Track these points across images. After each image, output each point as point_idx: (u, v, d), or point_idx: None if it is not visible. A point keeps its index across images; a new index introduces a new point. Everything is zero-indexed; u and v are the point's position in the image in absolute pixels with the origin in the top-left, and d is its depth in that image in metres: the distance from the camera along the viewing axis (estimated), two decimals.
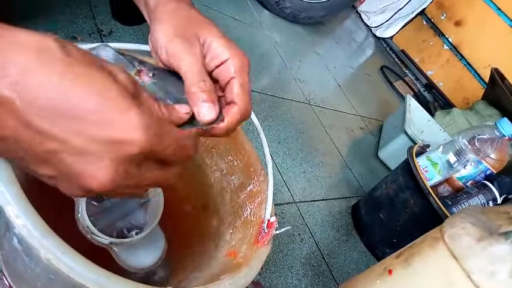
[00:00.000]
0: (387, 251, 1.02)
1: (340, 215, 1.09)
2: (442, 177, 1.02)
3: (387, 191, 1.03)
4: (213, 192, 0.59)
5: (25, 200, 0.29)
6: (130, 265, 0.45)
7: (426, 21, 2.60)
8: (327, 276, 0.88)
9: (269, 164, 0.51)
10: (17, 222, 0.28)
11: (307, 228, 0.95)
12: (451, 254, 0.56)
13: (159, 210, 0.48)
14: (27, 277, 0.41)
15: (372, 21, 2.74)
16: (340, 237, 1.02)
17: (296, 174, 1.07)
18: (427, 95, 2.60)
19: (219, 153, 0.58)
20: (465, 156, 1.00)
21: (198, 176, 0.60)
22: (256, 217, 0.51)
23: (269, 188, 0.51)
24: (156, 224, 0.48)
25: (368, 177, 1.35)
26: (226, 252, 0.50)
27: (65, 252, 0.29)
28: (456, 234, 0.58)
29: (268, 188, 0.51)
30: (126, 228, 0.46)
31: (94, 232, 0.41)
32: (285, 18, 1.79)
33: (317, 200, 1.06)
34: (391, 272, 0.65)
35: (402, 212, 0.97)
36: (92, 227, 0.41)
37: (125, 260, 0.44)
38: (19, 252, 0.37)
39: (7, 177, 0.30)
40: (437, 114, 2.00)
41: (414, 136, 1.36)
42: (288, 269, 0.81)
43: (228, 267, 0.46)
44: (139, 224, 0.47)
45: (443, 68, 2.57)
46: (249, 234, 0.49)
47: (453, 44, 2.49)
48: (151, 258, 0.47)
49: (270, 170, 0.51)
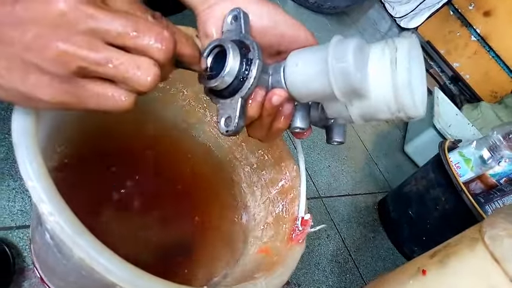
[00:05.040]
0: (415, 249, 0.99)
1: (366, 211, 1.06)
2: (475, 174, 0.98)
3: (417, 187, 0.99)
4: (242, 187, 0.57)
5: (58, 197, 0.28)
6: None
7: (453, 12, 2.51)
8: (354, 273, 0.86)
9: (301, 160, 0.49)
10: (50, 219, 0.27)
11: (334, 224, 0.92)
12: (492, 257, 0.54)
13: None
14: (58, 271, 0.40)
15: (397, 12, 2.66)
16: (367, 234, 1.00)
17: (321, 169, 1.05)
18: (452, 87, 2.52)
19: (249, 147, 0.57)
20: (500, 152, 0.95)
21: (226, 170, 0.59)
22: (289, 214, 0.49)
23: (302, 184, 0.49)
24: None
25: (394, 172, 1.32)
26: (258, 249, 0.48)
27: (99, 251, 0.28)
28: (497, 235, 0.55)
29: (301, 184, 0.49)
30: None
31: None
32: (309, 8, 1.75)
33: (343, 195, 1.03)
34: (425, 272, 0.63)
35: (432, 209, 0.94)
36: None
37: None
38: (51, 247, 0.36)
39: (40, 173, 0.29)
40: (465, 108, 1.94)
41: (443, 130, 1.32)
42: (314, 266, 0.79)
43: (261, 265, 0.44)
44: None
45: (471, 60, 2.49)
46: (281, 232, 0.48)
47: (481, 35, 2.40)
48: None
49: (302, 166, 0.49)
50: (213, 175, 0.59)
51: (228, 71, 0.33)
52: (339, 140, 0.39)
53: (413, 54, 0.29)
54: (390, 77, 0.28)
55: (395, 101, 0.29)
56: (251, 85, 0.33)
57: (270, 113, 0.36)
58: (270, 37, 0.38)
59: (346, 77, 0.29)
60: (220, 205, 0.58)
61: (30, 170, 0.28)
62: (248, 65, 0.33)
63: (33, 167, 0.29)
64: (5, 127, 0.57)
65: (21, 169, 0.28)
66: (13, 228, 0.49)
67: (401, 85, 0.28)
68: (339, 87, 0.30)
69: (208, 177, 0.59)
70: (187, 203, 0.57)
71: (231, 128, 0.35)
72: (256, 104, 0.35)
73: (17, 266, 0.47)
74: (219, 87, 0.34)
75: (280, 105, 0.35)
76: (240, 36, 0.35)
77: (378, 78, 0.29)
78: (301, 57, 0.33)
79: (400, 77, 0.28)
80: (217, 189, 0.59)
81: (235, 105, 0.34)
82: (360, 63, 0.29)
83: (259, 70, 0.33)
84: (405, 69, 0.28)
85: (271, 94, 0.35)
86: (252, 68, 0.33)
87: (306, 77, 0.33)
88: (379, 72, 0.29)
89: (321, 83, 0.31)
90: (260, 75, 0.34)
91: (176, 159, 0.57)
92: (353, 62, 0.29)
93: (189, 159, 0.58)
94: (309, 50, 0.34)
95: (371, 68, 0.29)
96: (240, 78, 0.33)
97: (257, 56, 0.33)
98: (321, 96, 0.33)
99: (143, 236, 0.52)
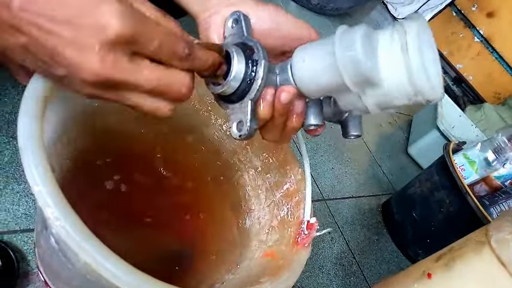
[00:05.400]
0: (420, 252, 0.98)
1: (370, 213, 1.06)
2: (479, 176, 0.97)
3: (421, 189, 0.99)
4: (247, 190, 0.57)
5: (64, 202, 0.28)
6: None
7: (456, 13, 2.50)
8: (358, 276, 0.86)
9: (306, 163, 0.49)
10: (56, 224, 0.27)
11: (337, 227, 0.92)
12: (498, 260, 0.53)
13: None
14: (63, 275, 0.40)
15: (399, 13, 2.66)
16: (371, 237, 0.99)
17: (325, 171, 1.04)
18: (456, 89, 2.51)
19: (253, 150, 0.56)
20: (504, 154, 0.95)
21: (230, 173, 0.59)
22: (294, 217, 0.49)
23: (307, 187, 0.49)
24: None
25: (398, 174, 1.31)
26: (264, 253, 0.48)
27: (105, 256, 0.27)
28: (504, 239, 0.55)
29: (306, 187, 0.48)
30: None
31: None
32: (312, 10, 1.75)
33: (346, 197, 1.03)
34: (430, 276, 0.62)
35: (437, 212, 0.93)
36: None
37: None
38: (56, 251, 0.36)
39: (46, 177, 0.28)
40: (468, 109, 1.94)
41: (446, 132, 1.31)
42: (318, 269, 0.79)
43: (267, 269, 0.44)
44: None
45: (474, 61, 2.47)
46: (287, 235, 0.47)
47: (484, 36, 2.39)
48: None
49: (307, 169, 0.49)
50: (217, 178, 0.59)
51: (234, 76, 0.33)
52: (355, 133, 0.39)
53: (423, 37, 0.28)
54: (403, 62, 0.28)
55: (412, 85, 0.28)
56: (259, 86, 0.33)
57: (282, 113, 0.35)
58: (273, 39, 0.38)
59: (356, 65, 0.28)
60: (224, 208, 0.58)
61: (36, 174, 0.28)
62: (254, 66, 0.33)
63: (39, 171, 0.28)
64: (9, 130, 0.56)
65: (27, 173, 0.28)
66: (17, 232, 0.49)
67: (415, 69, 0.28)
68: (350, 77, 0.29)
69: (213, 181, 0.59)
70: (191, 206, 0.56)
71: (244, 132, 0.34)
72: (267, 104, 0.34)
73: (21, 269, 0.47)
74: (227, 92, 0.34)
75: (291, 103, 0.35)
76: (243, 39, 0.34)
77: (390, 65, 0.28)
78: (307, 52, 0.33)
79: (414, 61, 0.27)
80: (222, 192, 0.58)
81: (246, 108, 0.34)
82: (369, 51, 0.28)
83: (265, 70, 0.33)
84: (417, 52, 0.27)
85: (279, 91, 0.34)
86: (258, 69, 0.33)
87: (314, 71, 0.32)
88: (391, 58, 0.28)
89: (331, 76, 0.30)
90: (267, 76, 0.33)
91: (180, 162, 0.57)
92: (362, 50, 0.28)
93: (193, 162, 0.58)
94: (315, 44, 0.33)
95: (381, 55, 0.29)
96: (247, 80, 0.33)
97: (262, 57, 0.33)
98: (331, 89, 0.32)
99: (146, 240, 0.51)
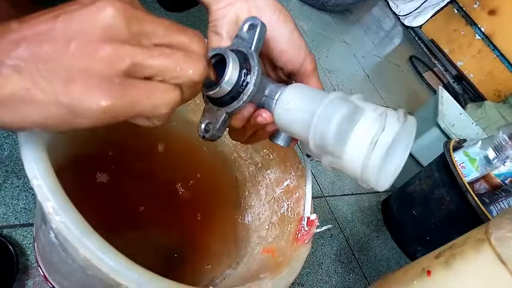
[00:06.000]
0: (419, 249, 0.98)
1: (369, 210, 1.06)
2: (480, 174, 0.97)
3: (421, 186, 0.99)
4: (247, 186, 0.57)
5: (64, 196, 0.28)
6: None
7: (457, 10, 2.50)
8: (357, 273, 0.86)
9: (307, 159, 0.49)
10: (56, 218, 0.27)
11: (337, 223, 0.92)
12: (499, 258, 0.53)
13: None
14: (63, 270, 0.40)
15: (400, 10, 2.65)
16: (371, 233, 0.99)
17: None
18: (456, 86, 2.51)
19: (254, 146, 0.56)
20: (505, 152, 0.95)
21: (231, 169, 0.58)
22: (294, 214, 0.49)
23: (307, 184, 0.49)
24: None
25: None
26: (263, 249, 0.48)
27: (105, 251, 0.27)
28: (504, 236, 0.55)
29: (306, 184, 0.48)
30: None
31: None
32: (313, 6, 1.74)
33: (346, 194, 1.03)
34: (430, 273, 0.62)
35: (437, 209, 0.93)
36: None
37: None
38: (55, 246, 0.36)
39: (46, 171, 0.28)
40: (469, 107, 1.93)
41: (447, 130, 1.31)
42: (318, 265, 0.79)
43: (267, 265, 0.44)
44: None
45: (475, 59, 2.47)
46: (287, 232, 0.47)
47: (485, 34, 2.38)
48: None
49: (308, 166, 0.49)
50: (217, 174, 0.59)
51: (223, 85, 0.33)
52: (281, 144, 0.41)
53: (402, 135, 0.30)
54: (364, 155, 0.30)
55: (362, 174, 0.31)
56: (239, 106, 0.34)
57: (252, 128, 0.37)
58: (270, 50, 0.38)
59: (323, 140, 0.31)
60: (224, 204, 0.58)
61: (35, 168, 0.28)
62: (243, 87, 0.33)
63: (38, 166, 0.28)
64: None
65: (27, 168, 0.28)
66: (17, 226, 0.49)
67: (371, 166, 0.30)
68: (315, 143, 0.32)
69: (213, 176, 0.59)
70: (191, 202, 0.56)
71: (209, 135, 0.36)
72: (242, 119, 0.36)
73: (20, 264, 0.47)
74: (211, 96, 0.34)
75: (264, 125, 0.36)
76: (248, 52, 0.34)
77: (354, 150, 0.30)
78: (294, 99, 0.34)
79: (373, 160, 0.29)
80: (222, 188, 0.58)
81: (220, 117, 0.35)
82: (343, 132, 0.30)
83: (251, 95, 0.33)
84: (382, 152, 0.29)
85: (257, 113, 0.36)
86: (245, 91, 0.33)
87: (292, 118, 0.34)
88: (357, 145, 0.30)
89: (303, 130, 0.33)
90: (254, 96, 0.34)
91: (180, 158, 0.57)
92: (334, 132, 0.30)
93: (193, 158, 0.58)
94: (305, 93, 0.34)
95: (352, 138, 0.30)
96: (232, 95, 0.34)
97: (253, 82, 0.33)
98: (301, 138, 0.35)
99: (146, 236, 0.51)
